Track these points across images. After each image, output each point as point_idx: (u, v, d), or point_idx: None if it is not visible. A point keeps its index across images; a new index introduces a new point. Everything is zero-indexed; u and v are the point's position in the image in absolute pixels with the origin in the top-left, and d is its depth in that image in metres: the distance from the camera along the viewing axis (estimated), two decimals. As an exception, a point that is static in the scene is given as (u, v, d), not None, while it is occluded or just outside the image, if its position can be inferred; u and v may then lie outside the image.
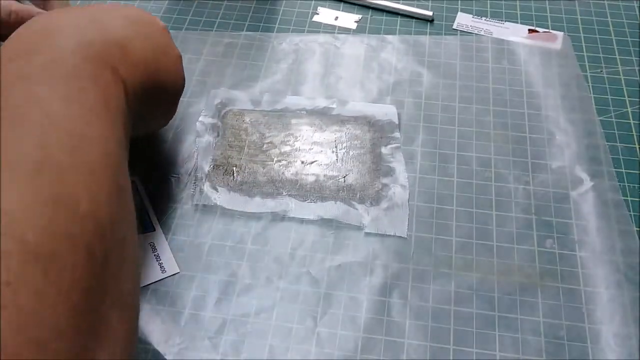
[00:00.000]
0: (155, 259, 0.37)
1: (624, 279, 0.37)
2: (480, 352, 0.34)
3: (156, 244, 0.38)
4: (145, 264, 0.37)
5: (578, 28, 0.54)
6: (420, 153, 0.44)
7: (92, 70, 0.29)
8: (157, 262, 0.37)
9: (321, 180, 0.42)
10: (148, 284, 0.36)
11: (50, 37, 0.30)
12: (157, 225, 0.39)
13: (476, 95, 0.48)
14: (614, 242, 0.39)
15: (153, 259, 0.37)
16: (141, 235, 0.38)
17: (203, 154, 0.43)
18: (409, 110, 0.47)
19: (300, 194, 0.41)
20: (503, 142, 0.45)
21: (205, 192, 0.41)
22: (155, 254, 0.38)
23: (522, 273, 0.38)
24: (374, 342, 0.35)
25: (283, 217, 0.40)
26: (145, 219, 0.39)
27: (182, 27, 0.53)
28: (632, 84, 0.49)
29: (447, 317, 0.36)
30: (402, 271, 0.38)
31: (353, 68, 0.50)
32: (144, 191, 0.41)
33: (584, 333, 0.35)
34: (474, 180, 0.42)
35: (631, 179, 0.43)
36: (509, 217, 0.40)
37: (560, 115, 0.47)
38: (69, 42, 0.29)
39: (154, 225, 0.39)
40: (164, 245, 0.38)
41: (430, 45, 0.52)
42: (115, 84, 0.30)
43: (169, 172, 0.42)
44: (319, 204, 0.41)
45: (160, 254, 0.38)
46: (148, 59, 0.34)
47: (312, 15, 0.55)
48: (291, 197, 0.41)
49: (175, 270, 0.37)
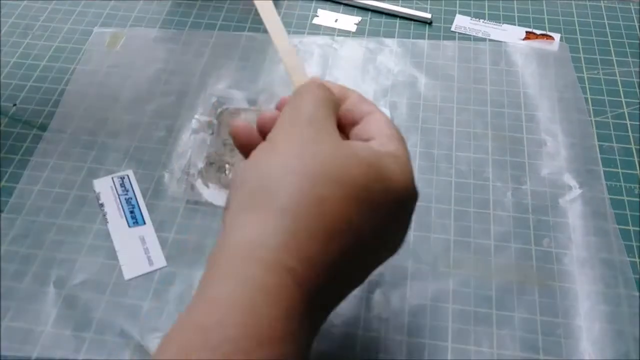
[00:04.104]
0: (144, 251, 0.38)
1: (619, 278, 0.37)
2: (477, 350, 0.35)
3: (145, 238, 0.39)
4: (134, 257, 0.38)
5: (575, 30, 0.54)
6: (418, 153, 0.44)
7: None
8: (146, 255, 0.38)
9: (311, 178, 0.43)
10: (135, 276, 0.37)
11: None
12: (148, 219, 0.40)
13: (473, 97, 0.48)
14: (607, 241, 0.39)
15: (142, 252, 0.38)
16: (131, 228, 0.40)
17: (197, 151, 0.44)
18: (404, 112, 0.47)
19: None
20: (499, 144, 0.45)
21: (196, 188, 0.42)
22: (144, 247, 0.39)
23: (519, 272, 0.38)
24: (373, 341, 0.35)
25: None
26: (136, 212, 0.40)
27: (184, 28, 0.54)
28: (629, 85, 0.49)
29: (445, 315, 0.36)
30: (399, 270, 0.38)
31: (350, 70, 0.51)
32: (136, 185, 0.42)
33: (581, 331, 0.35)
34: (472, 180, 0.43)
35: (627, 178, 0.43)
36: (505, 217, 0.41)
37: (556, 118, 0.47)
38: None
39: (145, 219, 0.40)
40: (153, 239, 0.39)
41: (428, 48, 0.52)
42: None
43: (163, 167, 0.43)
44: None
45: (149, 247, 0.39)
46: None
47: (312, 18, 0.56)
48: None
49: (163, 264, 0.38)
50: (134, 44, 0.53)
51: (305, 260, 0.23)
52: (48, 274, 0.38)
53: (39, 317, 0.36)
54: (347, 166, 0.25)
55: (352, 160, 0.25)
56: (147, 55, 0.52)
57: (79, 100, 0.48)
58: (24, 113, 0.47)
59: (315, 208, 0.23)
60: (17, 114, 0.47)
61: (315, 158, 0.25)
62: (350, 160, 0.25)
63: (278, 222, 0.23)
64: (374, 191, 0.25)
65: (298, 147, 0.25)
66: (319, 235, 0.23)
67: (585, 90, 0.49)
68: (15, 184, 0.42)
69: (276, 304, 0.22)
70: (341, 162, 0.25)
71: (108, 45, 0.53)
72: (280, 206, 0.23)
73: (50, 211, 0.41)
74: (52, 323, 0.36)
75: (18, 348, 0.35)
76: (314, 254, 0.23)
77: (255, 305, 0.21)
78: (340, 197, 0.24)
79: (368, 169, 0.25)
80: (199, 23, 0.55)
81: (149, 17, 0.55)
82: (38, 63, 0.51)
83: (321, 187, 0.24)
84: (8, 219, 0.40)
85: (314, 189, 0.24)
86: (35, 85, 0.49)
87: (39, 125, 0.46)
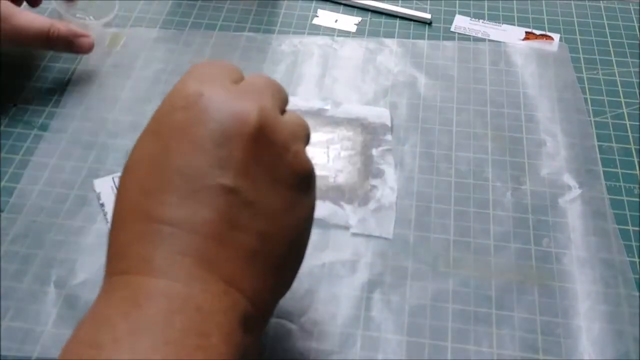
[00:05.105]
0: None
1: (619, 278, 0.38)
2: (477, 350, 0.35)
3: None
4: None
5: (574, 30, 0.54)
6: (418, 153, 0.44)
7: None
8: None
9: (311, 178, 0.43)
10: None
11: None
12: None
13: (473, 97, 0.48)
14: (607, 241, 0.39)
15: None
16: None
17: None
18: (404, 112, 0.47)
19: (289, 191, 0.42)
20: (499, 144, 0.45)
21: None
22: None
23: (519, 272, 0.38)
24: (373, 341, 0.35)
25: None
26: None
27: (185, 28, 0.55)
28: (628, 85, 0.49)
29: (445, 314, 0.36)
30: (399, 270, 0.38)
31: (350, 70, 0.51)
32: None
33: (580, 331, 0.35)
34: (472, 180, 0.43)
35: (627, 179, 0.43)
36: (504, 217, 0.41)
37: (556, 118, 0.47)
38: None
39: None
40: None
41: (428, 48, 0.53)
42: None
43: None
44: (308, 202, 0.41)
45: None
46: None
47: (312, 18, 0.56)
48: (280, 194, 0.42)
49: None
50: (134, 44, 0.53)
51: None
52: (48, 274, 0.38)
53: (39, 317, 0.36)
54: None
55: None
56: (147, 56, 0.52)
57: (79, 100, 0.48)
58: (24, 113, 0.47)
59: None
60: (17, 114, 0.47)
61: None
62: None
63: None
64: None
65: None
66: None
67: (584, 91, 0.49)
68: (16, 184, 0.42)
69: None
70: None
71: (108, 46, 0.53)
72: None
73: (51, 211, 0.41)
74: (52, 323, 0.36)
75: (18, 348, 0.35)
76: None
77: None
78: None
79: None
80: (199, 23, 0.55)
81: (149, 17, 0.55)
82: (38, 63, 0.51)
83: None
84: (8, 219, 0.40)
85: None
86: (35, 85, 0.49)
87: (39, 125, 0.46)
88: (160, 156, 0.25)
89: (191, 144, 0.24)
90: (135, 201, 0.25)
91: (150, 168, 0.25)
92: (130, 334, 0.21)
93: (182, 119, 0.25)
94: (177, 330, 0.21)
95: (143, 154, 0.26)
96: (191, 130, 0.25)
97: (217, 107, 0.25)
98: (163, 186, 0.24)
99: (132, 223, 0.24)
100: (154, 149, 0.25)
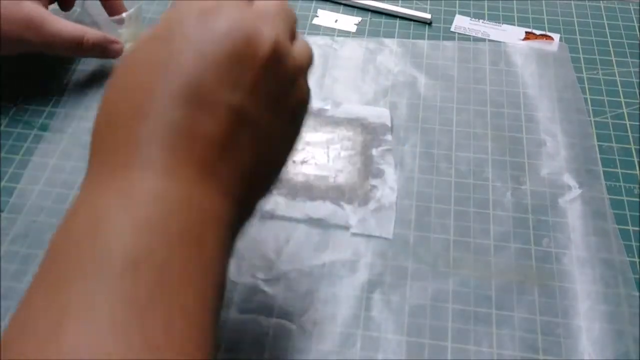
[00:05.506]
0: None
1: (619, 278, 0.38)
2: (477, 350, 0.35)
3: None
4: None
5: (574, 30, 0.54)
6: (418, 153, 0.44)
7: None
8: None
9: (311, 179, 0.43)
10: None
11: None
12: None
13: (473, 97, 0.48)
14: (607, 241, 0.39)
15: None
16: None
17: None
18: (404, 112, 0.47)
19: (289, 192, 0.42)
20: (499, 144, 0.45)
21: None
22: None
23: (519, 272, 0.38)
24: (373, 341, 0.35)
25: (272, 215, 0.41)
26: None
27: (184, 30, 0.54)
28: (628, 85, 0.49)
29: (445, 314, 0.36)
30: (399, 270, 0.38)
31: (350, 70, 0.51)
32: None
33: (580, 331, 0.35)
34: (472, 180, 0.43)
35: (627, 179, 0.43)
36: (504, 217, 0.41)
37: (556, 118, 0.47)
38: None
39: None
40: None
41: (428, 48, 0.53)
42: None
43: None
44: (308, 203, 0.41)
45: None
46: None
47: (312, 18, 0.56)
48: (280, 195, 0.42)
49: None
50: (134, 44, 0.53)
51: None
52: (48, 274, 0.38)
53: (40, 317, 0.36)
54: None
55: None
56: (147, 56, 0.52)
57: (79, 100, 0.48)
58: (24, 113, 0.47)
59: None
60: (17, 114, 0.47)
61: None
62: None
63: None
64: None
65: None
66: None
67: (584, 91, 0.49)
68: (16, 184, 0.42)
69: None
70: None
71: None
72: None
73: (51, 211, 0.41)
74: (52, 323, 0.36)
75: (18, 348, 0.35)
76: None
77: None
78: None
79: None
80: (199, 23, 0.55)
81: (149, 18, 0.55)
82: (38, 63, 0.51)
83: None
84: (8, 219, 0.40)
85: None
86: (35, 85, 0.49)
87: (39, 125, 0.46)
88: (166, 60, 0.24)
89: (202, 58, 0.24)
90: (131, 97, 0.24)
91: (153, 70, 0.24)
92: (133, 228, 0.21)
93: (195, 31, 0.25)
94: (174, 232, 0.22)
95: (146, 55, 0.25)
96: (204, 44, 0.25)
97: (233, 26, 0.25)
98: (166, 89, 0.24)
99: (130, 120, 0.24)
100: (159, 53, 0.25)
